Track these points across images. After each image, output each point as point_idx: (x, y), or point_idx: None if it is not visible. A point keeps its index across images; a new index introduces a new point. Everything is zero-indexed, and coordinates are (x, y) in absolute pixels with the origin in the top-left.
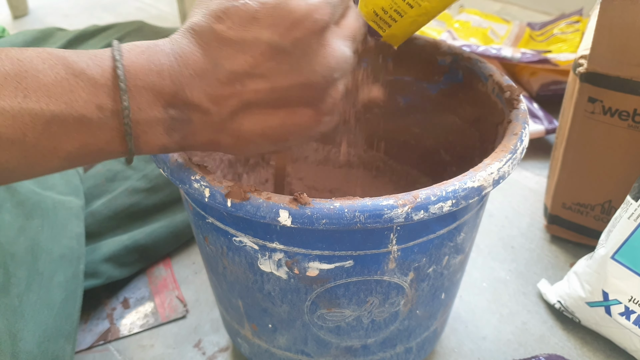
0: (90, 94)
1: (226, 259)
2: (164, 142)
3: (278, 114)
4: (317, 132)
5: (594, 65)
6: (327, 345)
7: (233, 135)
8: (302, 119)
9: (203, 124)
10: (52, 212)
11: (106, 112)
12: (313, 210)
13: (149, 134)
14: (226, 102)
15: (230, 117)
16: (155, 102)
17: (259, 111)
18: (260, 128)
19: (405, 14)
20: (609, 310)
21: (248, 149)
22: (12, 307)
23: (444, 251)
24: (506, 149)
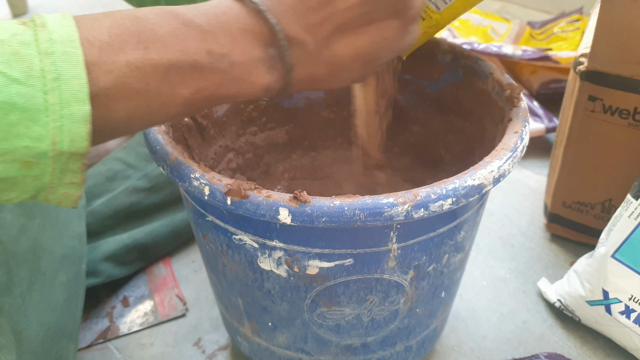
0: (200, 41)
1: (226, 257)
2: (268, 81)
3: (368, 31)
4: (405, 44)
5: (595, 63)
6: (327, 344)
7: (328, 63)
8: (390, 31)
9: (300, 56)
10: (53, 211)
11: (215, 56)
12: (313, 208)
13: (254, 74)
14: (320, 29)
15: (324, 44)
16: (255, 42)
17: (350, 32)
18: (353, 50)
19: None
20: (609, 308)
21: (341, 77)
22: (16, 306)
23: (444, 249)
24: (506, 147)
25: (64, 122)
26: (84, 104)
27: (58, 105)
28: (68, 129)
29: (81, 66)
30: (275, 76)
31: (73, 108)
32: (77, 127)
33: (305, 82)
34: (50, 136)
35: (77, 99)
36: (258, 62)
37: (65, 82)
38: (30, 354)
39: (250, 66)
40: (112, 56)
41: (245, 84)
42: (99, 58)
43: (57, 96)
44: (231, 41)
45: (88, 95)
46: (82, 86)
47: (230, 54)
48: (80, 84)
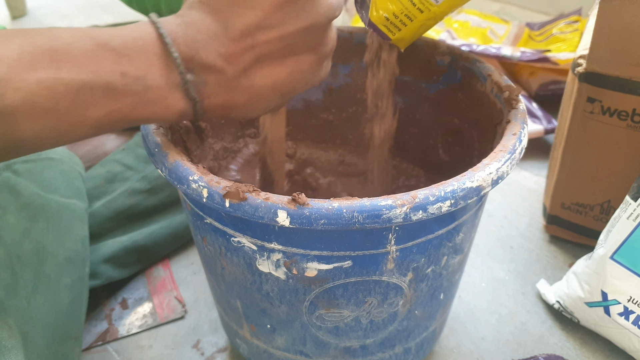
0: (115, 63)
1: (224, 260)
2: (183, 106)
3: (286, 64)
4: (319, 77)
5: (593, 65)
6: (326, 346)
7: (246, 92)
8: (306, 65)
9: (218, 84)
10: (56, 215)
11: (129, 79)
12: (311, 210)
13: (169, 99)
14: (240, 59)
15: (243, 74)
16: (173, 67)
17: (269, 63)
18: (271, 81)
19: (415, 18)
20: (608, 310)
21: (259, 106)
22: (21, 308)
23: (442, 251)
24: (505, 149)
25: None
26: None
27: None
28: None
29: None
30: (192, 102)
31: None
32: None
33: (223, 109)
34: None
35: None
36: (175, 86)
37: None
38: (37, 356)
39: (165, 90)
40: (21, 73)
41: (160, 108)
42: (7, 74)
43: None
44: (147, 64)
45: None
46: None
47: (145, 77)
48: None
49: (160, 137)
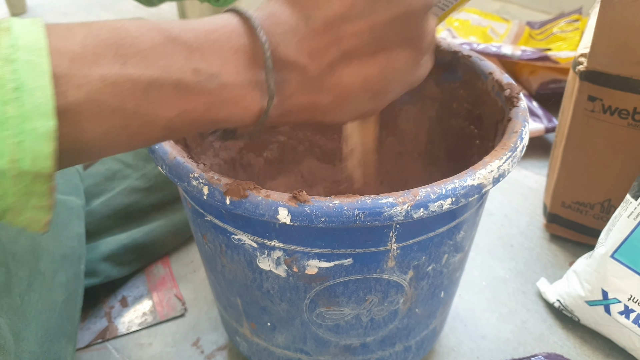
0: (186, 59)
1: (225, 257)
2: (262, 106)
3: (378, 60)
4: (417, 77)
5: (594, 63)
6: (326, 344)
7: (332, 91)
8: (402, 62)
9: (301, 82)
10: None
11: (202, 76)
12: (312, 208)
13: (247, 98)
14: (324, 54)
15: (329, 71)
16: (250, 63)
17: (358, 60)
18: (360, 79)
19: None
20: (609, 309)
21: (347, 108)
22: (14, 306)
23: (443, 249)
24: (506, 147)
25: (24, 138)
26: (47, 119)
27: (18, 119)
28: (29, 146)
29: (47, 77)
30: (272, 102)
31: (35, 123)
32: (39, 144)
33: (306, 112)
34: (8, 152)
35: (40, 112)
36: (252, 85)
37: (27, 93)
38: (29, 355)
39: (243, 89)
40: (84, 69)
41: (237, 109)
42: (69, 70)
43: (17, 108)
44: (222, 61)
45: (53, 110)
46: (47, 99)
47: (220, 74)
48: (45, 97)
49: None
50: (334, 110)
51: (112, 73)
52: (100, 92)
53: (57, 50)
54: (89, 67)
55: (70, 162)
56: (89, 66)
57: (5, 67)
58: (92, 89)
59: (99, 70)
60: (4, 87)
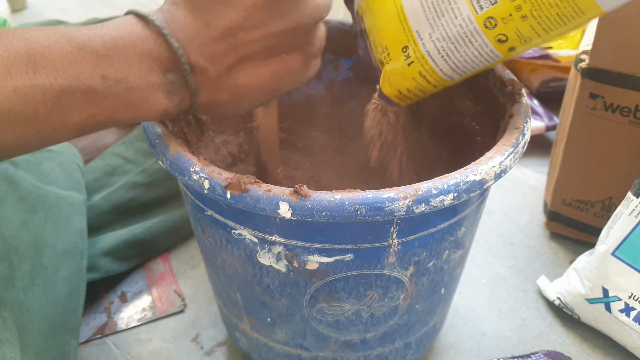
0: (94, 65)
1: (225, 252)
2: (165, 106)
3: (271, 64)
4: (306, 76)
5: (596, 60)
6: (326, 340)
7: (229, 91)
8: (292, 65)
9: (201, 84)
10: (54, 207)
11: (109, 82)
12: (313, 202)
13: (151, 99)
14: (222, 59)
15: (226, 73)
16: (154, 68)
17: (252, 63)
18: (255, 80)
19: (428, 91)
20: (609, 307)
21: (244, 103)
22: (18, 300)
23: (444, 245)
24: (508, 142)
25: None
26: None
27: None
28: None
29: None
30: (174, 101)
31: None
32: None
33: (207, 107)
34: None
35: None
36: (156, 87)
37: None
38: (33, 348)
39: (147, 91)
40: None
41: (141, 110)
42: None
43: None
44: (127, 66)
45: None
46: None
47: (126, 79)
48: None
49: (161, 128)
50: (231, 106)
51: (24, 84)
52: (14, 102)
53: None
54: (3, 79)
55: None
56: (3, 78)
57: None
58: (6, 100)
59: (12, 81)
60: None
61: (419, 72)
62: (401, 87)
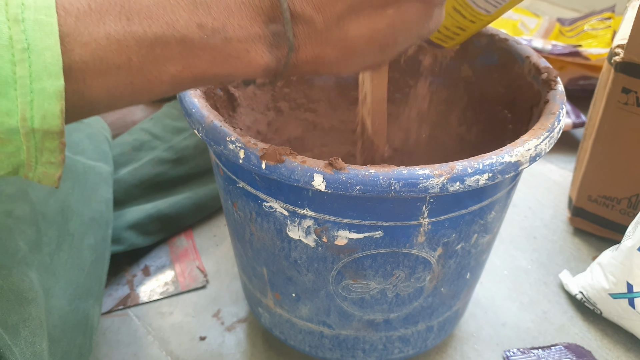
0: (190, 13)
1: (254, 226)
2: (267, 60)
3: (386, 13)
4: (427, 30)
5: (631, 54)
6: (350, 318)
7: (338, 45)
8: (411, 15)
9: (307, 36)
10: (82, 176)
11: (207, 31)
12: (348, 175)
13: (251, 53)
14: (331, 7)
15: (336, 24)
16: (255, 17)
17: (366, 12)
18: (368, 32)
19: (467, 28)
20: (633, 302)
21: (353, 62)
22: (45, 264)
23: (473, 228)
24: (543, 127)
25: (34, 97)
26: (56, 79)
27: (27, 79)
28: (39, 105)
29: (55, 36)
30: (276, 55)
31: (44, 82)
32: (48, 104)
33: (312, 64)
34: (19, 111)
35: (48, 72)
36: (257, 39)
37: (36, 54)
38: (58, 310)
39: (247, 43)
40: (90, 27)
41: (241, 63)
42: (76, 28)
43: (26, 68)
44: (226, 14)
45: (61, 69)
46: (55, 59)
47: (224, 29)
48: (53, 57)
49: (197, 99)
50: (339, 64)
51: (117, 31)
52: (106, 50)
53: (64, 8)
54: (95, 25)
55: (77, 117)
56: (95, 24)
57: (14, 27)
58: (98, 47)
59: (104, 28)
60: (14, 48)
61: (453, 7)
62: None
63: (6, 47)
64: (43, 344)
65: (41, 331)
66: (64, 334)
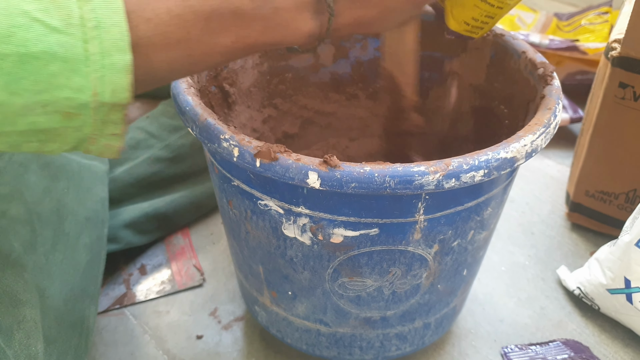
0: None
1: (249, 224)
2: (312, 27)
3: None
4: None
5: (628, 49)
6: (346, 315)
7: (378, 6)
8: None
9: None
10: (77, 175)
11: (258, 2)
12: (343, 173)
13: (298, 20)
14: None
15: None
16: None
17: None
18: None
19: (495, 15)
20: (630, 297)
21: (391, 19)
22: (40, 264)
23: (470, 225)
24: (540, 122)
25: (105, 73)
26: (125, 54)
27: (99, 55)
28: (109, 80)
29: (121, 13)
30: (320, 21)
31: (114, 58)
32: (118, 78)
33: (352, 27)
34: (91, 87)
35: (117, 48)
36: (302, 7)
37: (105, 31)
38: (54, 311)
39: (294, 12)
40: (152, 3)
41: (289, 31)
42: (138, 5)
43: (97, 45)
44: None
45: (129, 44)
46: (123, 35)
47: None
48: (121, 33)
49: (191, 97)
50: (378, 22)
51: (176, 5)
52: (167, 24)
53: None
54: (156, 1)
55: (141, 90)
56: (156, 0)
57: (84, 7)
58: (160, 22)
59: (164, 3)
60: (85, 26)
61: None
62: (466, 18)
63: (78, 26)
64: (38, 346)
65: (36, 333)
66: (60, 335)
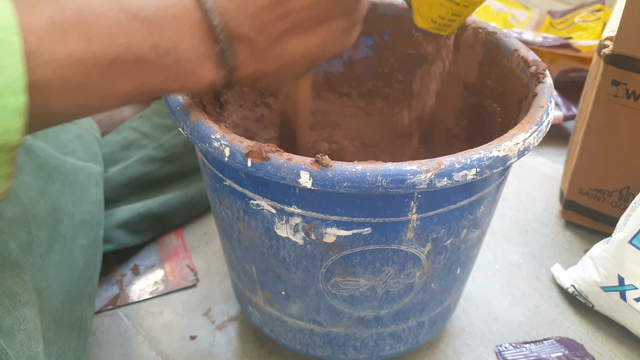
0: (146, 34)
1: (242, 224)
2: (214, 77)
3: (318, 32)
4: (348, 44)
5: (620, 46)
6: (340, 315)
7: (276, 61)
8: (338, 32)
9: (248, 54)
10: (72, 177)
11: (160, 52)
12: (335, 172)
13: (200, 71)
14: (271, 28)
15: (275, 43)
16: (203, 39)
17: (301, 32)
18: (302, 50)
19: (462, 14)
20: (624, 295)
21: (288, 74)
22: (36, 266)
23: (463, 224)
24: (532, 120)
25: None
26: (19, 96)
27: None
28: (1, 121)
29: (18, 55)
30: (222, 72)
31: (7, 99)
32: (10, 120)
33: (252, 79)
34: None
35: (11, 90)
36: (205, 58)
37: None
38: (52, 313)
39: (196, 63)
40: (52, 46)
41: (190, 80)
42: (38, 47)
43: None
44: (178, 36)
45: (24, 87)
46: (18, 77)
47: (176, 50)
48: (16, 75)
49: (182, 97)
50: (276, 77)
51: (77, 50)
52: (67, 68)
53: (27, 27)
54: (57, 44)
55: (36, 129)
56: (56, 43)
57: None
58: (59, 65)
59: (65, 47)
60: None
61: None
62: (433, 16)
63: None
64: (39, 347)
65: (36, 334)
66: (59, 337)
